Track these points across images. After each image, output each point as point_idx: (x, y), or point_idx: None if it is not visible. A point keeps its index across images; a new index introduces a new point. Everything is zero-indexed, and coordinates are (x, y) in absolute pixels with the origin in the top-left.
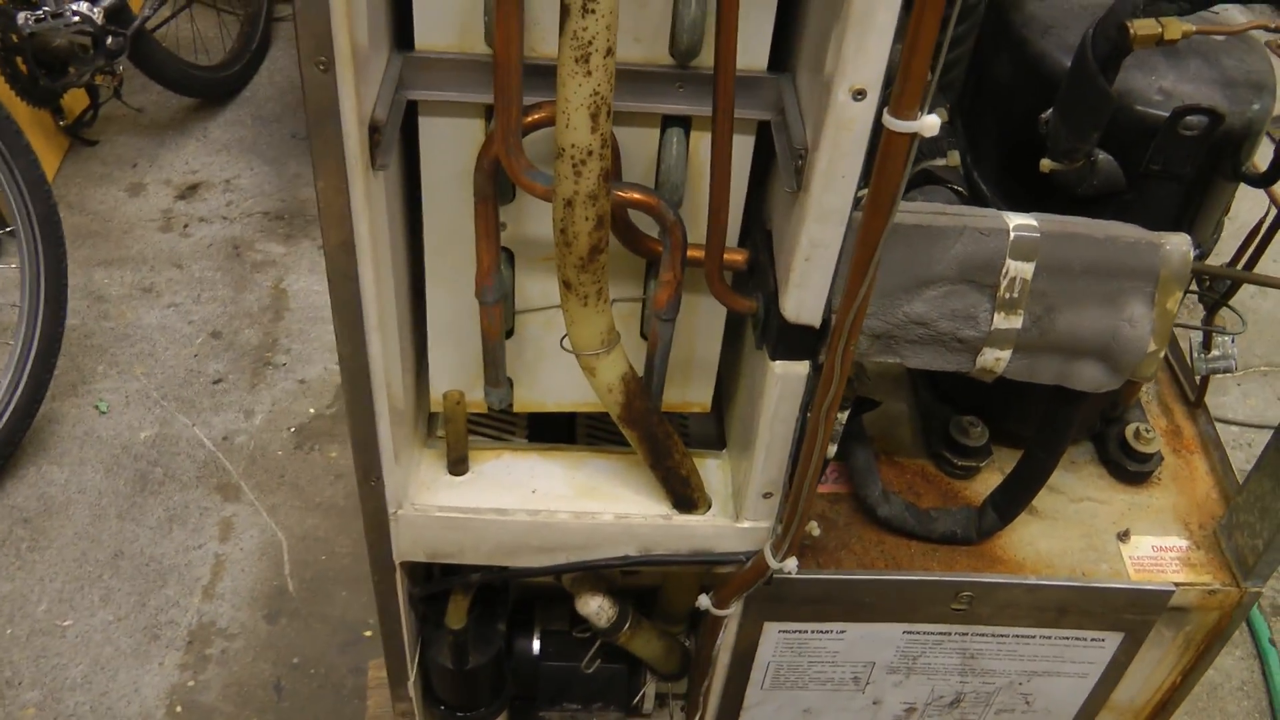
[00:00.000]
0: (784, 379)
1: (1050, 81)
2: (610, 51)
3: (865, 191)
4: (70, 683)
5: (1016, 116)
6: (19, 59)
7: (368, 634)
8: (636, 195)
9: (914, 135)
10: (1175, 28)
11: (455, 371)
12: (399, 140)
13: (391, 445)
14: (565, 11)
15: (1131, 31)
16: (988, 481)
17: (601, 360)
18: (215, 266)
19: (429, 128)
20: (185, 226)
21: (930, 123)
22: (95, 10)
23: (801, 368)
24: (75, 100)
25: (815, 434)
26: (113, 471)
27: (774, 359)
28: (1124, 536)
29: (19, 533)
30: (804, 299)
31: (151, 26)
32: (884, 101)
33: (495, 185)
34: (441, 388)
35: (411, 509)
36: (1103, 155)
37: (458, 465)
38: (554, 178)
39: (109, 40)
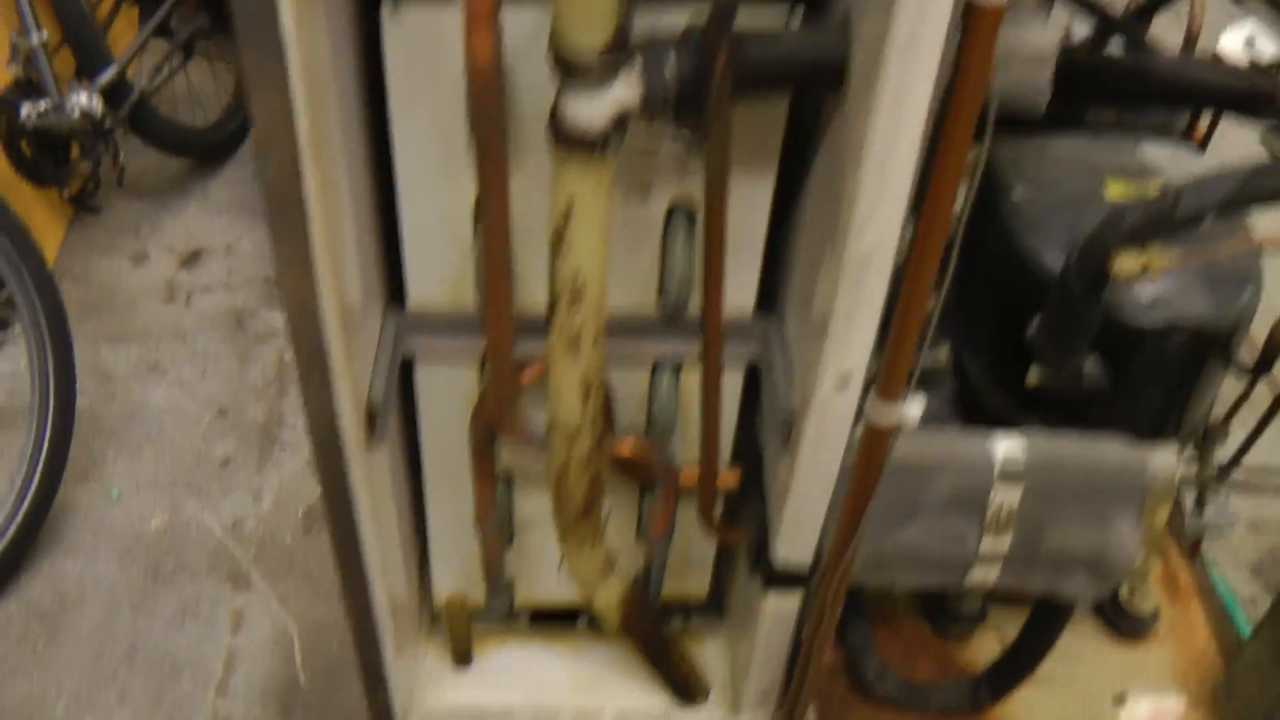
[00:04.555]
0: (775, 613)
1: (1037, 282)
2: (599, 339)
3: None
4: None
5: (1005, 311)
6: (24, 143)
7: None
8: (628, 452)
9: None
10: (1159, 262)
11: (457, 572)
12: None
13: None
14: (554, 304)
15: (1114, 270)
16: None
17: (599, 588)
18: (219, 339)
19: (427, 377)
20: (189, 297)
21: (912, 415)
22: (94, 100)
23: (793, 601)
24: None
25: (807, 659)
26: (125, 562)
27: (766, 589)
28: (1120, 700)
29: (35, 629)
30: (794, 547)
31: (149, 92)
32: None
33: (491, 437)
34: (444, 586)
35: (420, 713)
36: (1089, 362)
37: (462, 659)
38: (547, 446)
39: (108, 121)
